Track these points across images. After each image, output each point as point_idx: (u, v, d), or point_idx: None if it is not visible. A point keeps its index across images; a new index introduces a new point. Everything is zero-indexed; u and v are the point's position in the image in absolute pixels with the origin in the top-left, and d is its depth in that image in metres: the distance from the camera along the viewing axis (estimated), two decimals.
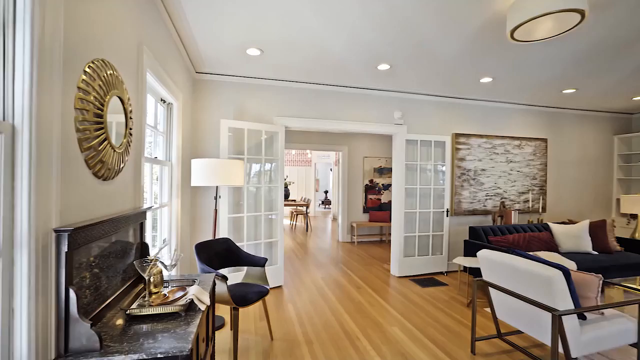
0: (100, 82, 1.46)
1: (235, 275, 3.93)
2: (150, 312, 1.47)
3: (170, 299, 1.59)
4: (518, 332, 2.90)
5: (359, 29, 2.76)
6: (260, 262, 2.84)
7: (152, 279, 1.64)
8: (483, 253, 2.60)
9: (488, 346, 2.74)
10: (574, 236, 4.26)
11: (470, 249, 4.23)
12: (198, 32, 2.86)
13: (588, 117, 5.90)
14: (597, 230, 4.34)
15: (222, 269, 3.76)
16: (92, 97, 1.38)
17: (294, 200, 10.05)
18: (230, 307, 2.46)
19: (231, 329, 2.98)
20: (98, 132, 1.44)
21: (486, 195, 5.16)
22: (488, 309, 3.50)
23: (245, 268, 3.93)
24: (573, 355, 2.07)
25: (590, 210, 5.98)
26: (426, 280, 4.49)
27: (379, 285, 4.28)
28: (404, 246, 4.70)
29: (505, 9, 2.46)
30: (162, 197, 2.96)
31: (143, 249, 1.95)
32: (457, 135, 4.98)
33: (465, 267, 4.89)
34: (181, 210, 3.34)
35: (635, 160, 6.09)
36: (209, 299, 1.66)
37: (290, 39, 2.96)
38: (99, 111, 1.45)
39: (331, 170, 12.20)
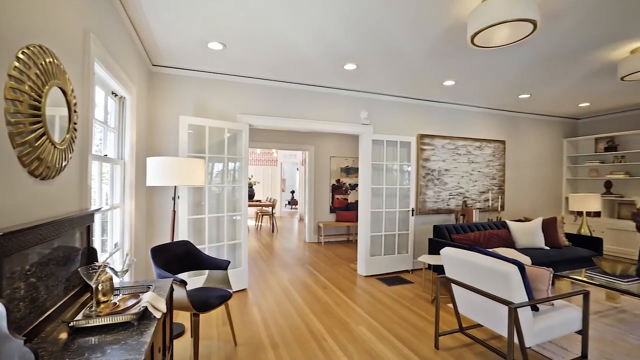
0: (38, 71, 1.30)
1: (196, 279, 3.76)
2: (97, 323, 1.33)
3: (121, 307, 1.46)
4: (478, 325, 3.01)
5: (325, 28, 2.73)
6: (222, 265, 2.72)
7: (100, 287, 1.49)
8: (446, 251, 2.67)
9: (451, 340, 2.82)
10: (529, 233, 4.52)
11: (434, 247, 4.35)
12: (154, 22, 2.68)
13: (541, 121, 6.31)
14: (549, 226, 4.64)
15: (181, 274, 3.57)
16: (27, 87, 1.23)
17: (259, 201, 9.87)
18: (191, 313, 2.33)
19: (191, 336, 2.83)
20: (34, 126, 1.28)
21: (449, 195, 5.35)
22: (451, 305, 3.61)
23: (206, 272, 3.75)
24: (527, 345, 2.17)
25: (543, 208, 6.41)
26: (392, 279, 4.57)
27: (346, 285, 4.28)
28: (371, 245, 4.74)
29: (466, 16, 2.54)
30: (113, 198, 2.74)
31: (90, 255, 1.78)
32: (422, 136, 5.12)
33: (430, 265, 5.03)
34: (135, 212, 3.12)
35: (581, 162, 6.61)
36: (165, 306, 1.54)
37: (255, 34, 2.87)
38: (36, 103, 1.29)
39: (298, 169, 12.13)
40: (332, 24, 2.69)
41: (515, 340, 2.20)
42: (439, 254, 4.22)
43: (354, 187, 7.70)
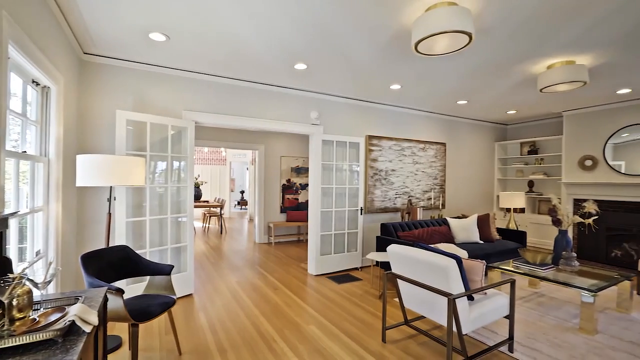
0: None
1: (136, 286, 3.49)
2: (10, 344, 1.17)
3: (42, 323, 1.30)
4: (422, 317, 3.19)
5: (275, 25, 2.69)
6: (165, 270, 2.56)
7: (15, 302, 1.31)
8: (392, 248, 2.79)
9: (397, 333, 2.95)
10: (466, 229, 4.90)
11: (382, 245, 4.52)
12: (85, 6, 2.43)
13: (476, 126, 6.88)
14: (483, 222, 5.07)
15: (118, 281, 3.30)
16: None
17: (207, 201, 9.47)
18: (129, 324, 2.15)
19: (130, 349, 2.62)
20: None
21: (396, 194, 5.60)
22: (397, 299, 3.78)
23: (147, 278, 3.51)
24: (464, 332, 2.34)
25: (478, 205, 6.98)
26: (342, 277, 4.66)
27: (297, 285, 4.28)
28: (321, 245, 4.79)
29: (411, 24, 2.67)
30: (35, 200, 2.44)
31: (3, 265, 1.55)
32: (370, 137, 5.29)
33: (378, 262, 5.21)
34: (63, 215, 2.81)
35: (509, 163, 7.33)
36: (96, 318, 1.40)
37: (201, 27, 2.74)
38: None
39: (248, 169, 11.86)
40: (281, 22, 2.66)
41: (454, 328, 2.37)
42: (386, 251, 4.40)
43: (305, 187, 7.73)
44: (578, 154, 5.76)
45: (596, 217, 4.01)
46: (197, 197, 9.13)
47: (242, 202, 14.19)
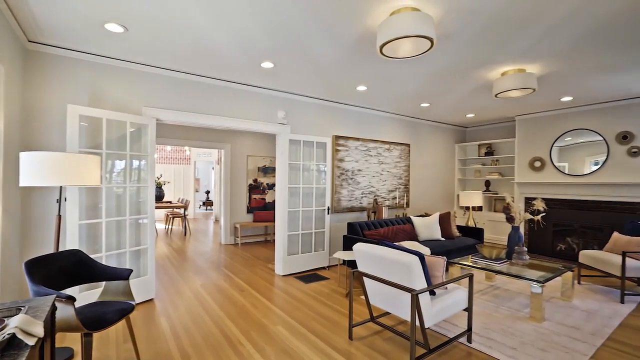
0: None
1: (90, 293, 3.28)
2: None
3: None
4: (387, 313, 3.27)
5: (241, 23, 2.64)
6: (123, 275, 2.42)
7: None
8: (358, 246, 2.83)
9: (363, 330, 3.00)
10: (429, 226, 5.10)
11: (348, 243, 4.58)
12: None
13: (439, 128, 7.17)
14: (444, 220, 5.30)
15: (69, 288, 3.08)
16: None
17: (170, 202, 9.10)
18: (81, 334, 2.01)
19: None
20: None
21: (362, 194, 5.70)
22: (363, 297, 3.85)
23: (103, 283, 3.30)
24: (426, 326, 2.44)
25: (440, 204, 7.28)
26: (310, 276, 4.67)
27: (263, 286, 4.23)
28: (288, 244, 4.77)
29: (376, 27, 2.73)
30: None
31: None
32: (337, 137, 5.34)
33: (344, 260, 5.28)
34: (4, 218, 2.58)
35: (468, 164, 7.72)
36: (42, 329, 1.29)
37: (162, 20, 2.62)
38: None
39: (213, 168, 11.54)
40: (246, 19, 2.61)
41: (417, 322, 2.46)
42: (352, 249, 4.46)
43: (272, 186, 7.65)
44: (528, 156, 6.19)
45: (544, 214, 4.34)
46: (159, 197, 8.74)
47: (208, 203, 13.79)
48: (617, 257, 3.88)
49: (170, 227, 9.19)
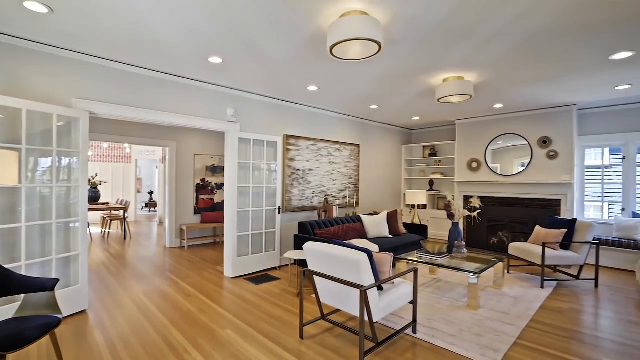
0: None
1: (5, 309, 2.89)
2: None
3: None
4: (337, 310, 3.33)
5: (187, 15, 2.50)
6: (46, 286, 2.17)
7: None
8: (308, 245, 2.84)
9: (314, 328, 3.02)
10: (377, 224, 5.28)
11: (299, 243, 4.58)
12: None
13: (387, 129, 7.46)
14: (392, 218, 5.52)
15: None
16: None
17: (107, 204, 8.37)
18: None
19: None
20: None
21: (313, 193, 5.73)
22: (314, 295, 3.87)
23: (22, 296, 2.93)
24: (375, 320, 2.52)
25: (388, 202, 7.59)
26: (260, 277, 4.58)
27: (212, 290, 4.06)
28: (238, 246, 4.64)
29: (327, 28, 2.76)
30: None
31: None
32: (288, 136, 5.32)
33: (295, 260, 5.27)
34: None
35: (414, 165, 8.14)
36: None
37: (96, 4, 2.39)
38: None
39: (157, 167, 10.83)
40: (193, 10, 2.48)
41: (366, 318, 2.53)
42: (303, 249, 4.47)
43: (221, 186, 7.40)
44: (467, 157, 6.70)
45: (480, 210, 4.73)
46: (95, 198, 8.00)
47: (151, 204, 12.94)
48: (538, 247, 4.35)
49: (107, 230, 8.46)
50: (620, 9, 2.41)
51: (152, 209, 13.15)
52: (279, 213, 5.06)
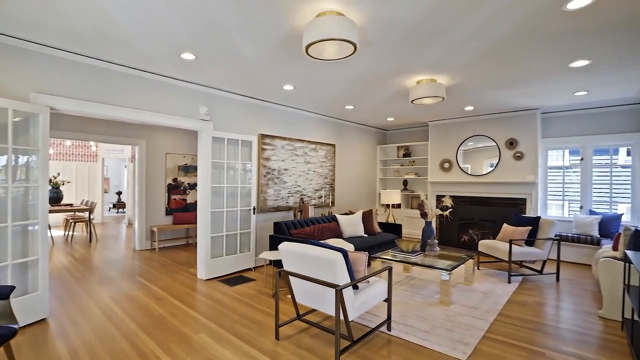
0: None
1: None
2: None
3: None
4: (313, 310, 3.32)
5: (157, 9, 2.41)
6: (0, 294, 2.02)
7: None
8: (283, 245, 2.82)
9: (290, 329, 3.00)
10: (353, 224, 5.32)
11: (275, 243, 4.54)
12: None
13: (362, 130, 7.54)
14: (367, 218, 5.59)
15: None
16: None
17: (71, 205, 7.94)
18: None
19: None
20: None
21: (288, 193, 5.70)
22: (290, 296, 3.84)
23: None
24: (350, 319, 2.54)
25: (363, 202, 7.67)
26: (235, 279, 4.50)
27: (184, 293, 3.94)
28: (212, 247, 4.53)
29: (302, 27, 2.75)
30: None
31: None
32: (263, 136, 5.25)
33: (271, 261, 5.21)
34: None
35: (389, 165, 8.28)
36: None
37: None
38: None
39: (126, 167, 10.39)
40: (162, 4, 2.39)
41: (341, 316, 2.54)
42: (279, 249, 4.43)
43: (194, 186, 7.20)
44: (439, 158, 6.89)
45: (451, 209, 4.88)
46: (56, 199, 7.56)
47: (119, 205, 12.39)
48: (505, 244, 4.55)
49: (70, 233, 8.02)
50: (578, 21, 2.56)
51: (121, 210, 12.60)
52: (254, 213, 4.99)
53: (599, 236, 5.21)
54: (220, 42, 3.05)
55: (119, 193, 12.68)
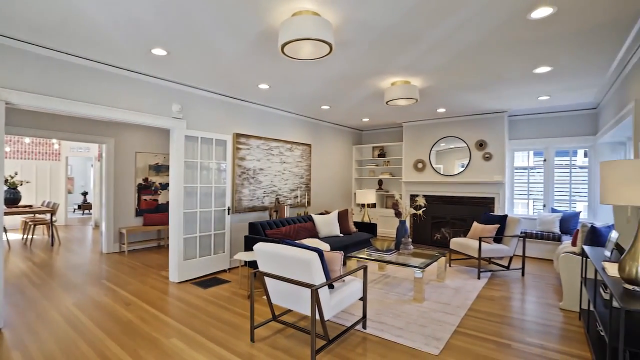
0: None
1: None
2: None
3: None
4: (289, 311, 3.30)
5: (126, 1, 2.31)
6: None
7: None
8: (258, 246, 2.78)
9: (265, 330, 2.97)
10: (328, 223, 5.34)
11: (250, 244, 4.48)
12: None
13: (338, 130, 7.58)
14: (342, 217, 5.63)
15: None
16: None
17: (30, 206, 7.46)
18: None
19: None
20: None
21: (264, 193, 5.64)
22: (265, 297, 3.80)
23: None
24: (326, 318, 2.54)
25: (339, 201, 7.72)
26: (209, 281, 4.40)
27: (155, 296, 3.81)
28: (185, 248, 4.41)
29: (278, 25, 2.72)
30: None
31: None
32: (238, 135, 5.17)
33: (246, 262, 5.14)
34: None
35: (364, 165, 8.38)
36: None
37: None
38: None
39: (92, 166, 9.89)
40: None
41: (317, 316, 2.54)
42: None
43: (166, 186, 6.97)
44: (413, 158, 7.06)
45: (424, 208, 5.01)
46: (14, 200, 7.08)
47: (85, 206, 11.79)
48: (475, 242, 4.72)
49: (29, 237, 7.54)
50: (541, 29, 2.70)
51: (87, 211, 12.00)
52: (228, 214, 4.90)
53: (560, 233, 5.52)
54: (194, 38, 2.97)
55: (85, 194, 12.08)
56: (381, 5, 2.38)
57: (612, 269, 2.28)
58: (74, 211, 12.07)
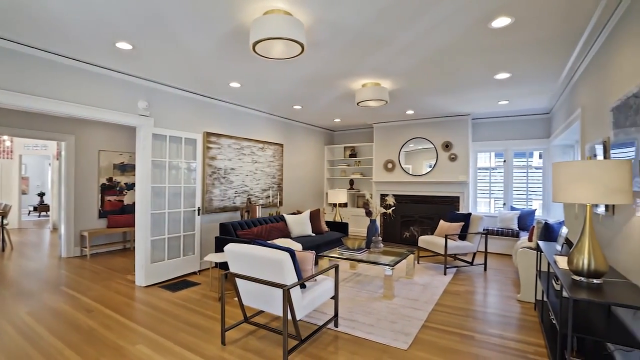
0: None
1: None
2: None
3: None
4: (261, 312, 3.28)
5: None
6: None
7: None
8: (229, 247, 2.75)
9: (237, 333, 2.93)
10: (300, 223, 5.36)
11: (221, 245, 4.40)
12: None
13: (310, 130, 7.61)
14: (314, 217, 5.66)
15: None
16: None
17: None
18: None
19: None
20: None
21: (235, 193, 5.56)
22: (237, 299, 3.76)
23: None
24: (298, 318, 2.56)
25: (311, 201, 7.75)
26: (178, 284, 4.28)
27: (120, 302, 3.65)
28: (152, 251, 4.26)
29: (250, 24, 2.70)
30: None
31: None
32: (209, 134, 5.06)
33: (217, 263, 5.04)
34: None
35: (336, 165, 8.46)
36: None
37: None
38: None
39: (50, 165, 9.28)
40: None
41: (289, 316, 2.55)
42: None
43: (132, 186, 6.69)
44: (383, 158, 7.22)
45: (394, 207, 5.15)
46: None
47: (42, 208, 11.05)
48: (441, 239, 4.92)
49: None
50: (501, 38, 2.87)
51: (43, 213, 11.25)
52: (198, 214, 4.79)
53: (518, 229, 5.87)
54: (162, 32, 2.88)
55: (42, 194, 11.31)
56: (351, 8, 2.43)
57: (563, 262, 2.47)
58: (29, 213, 11.28)
